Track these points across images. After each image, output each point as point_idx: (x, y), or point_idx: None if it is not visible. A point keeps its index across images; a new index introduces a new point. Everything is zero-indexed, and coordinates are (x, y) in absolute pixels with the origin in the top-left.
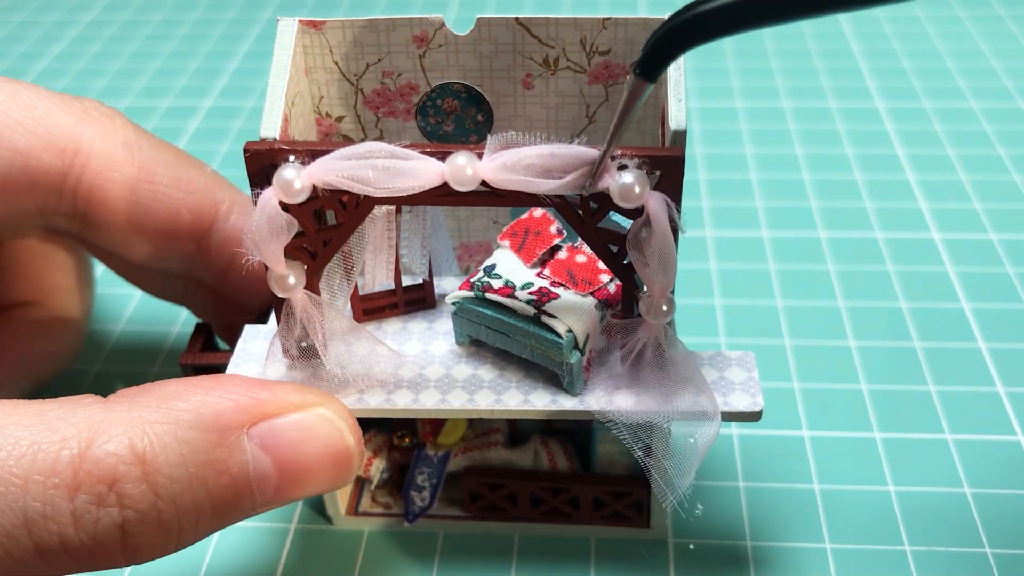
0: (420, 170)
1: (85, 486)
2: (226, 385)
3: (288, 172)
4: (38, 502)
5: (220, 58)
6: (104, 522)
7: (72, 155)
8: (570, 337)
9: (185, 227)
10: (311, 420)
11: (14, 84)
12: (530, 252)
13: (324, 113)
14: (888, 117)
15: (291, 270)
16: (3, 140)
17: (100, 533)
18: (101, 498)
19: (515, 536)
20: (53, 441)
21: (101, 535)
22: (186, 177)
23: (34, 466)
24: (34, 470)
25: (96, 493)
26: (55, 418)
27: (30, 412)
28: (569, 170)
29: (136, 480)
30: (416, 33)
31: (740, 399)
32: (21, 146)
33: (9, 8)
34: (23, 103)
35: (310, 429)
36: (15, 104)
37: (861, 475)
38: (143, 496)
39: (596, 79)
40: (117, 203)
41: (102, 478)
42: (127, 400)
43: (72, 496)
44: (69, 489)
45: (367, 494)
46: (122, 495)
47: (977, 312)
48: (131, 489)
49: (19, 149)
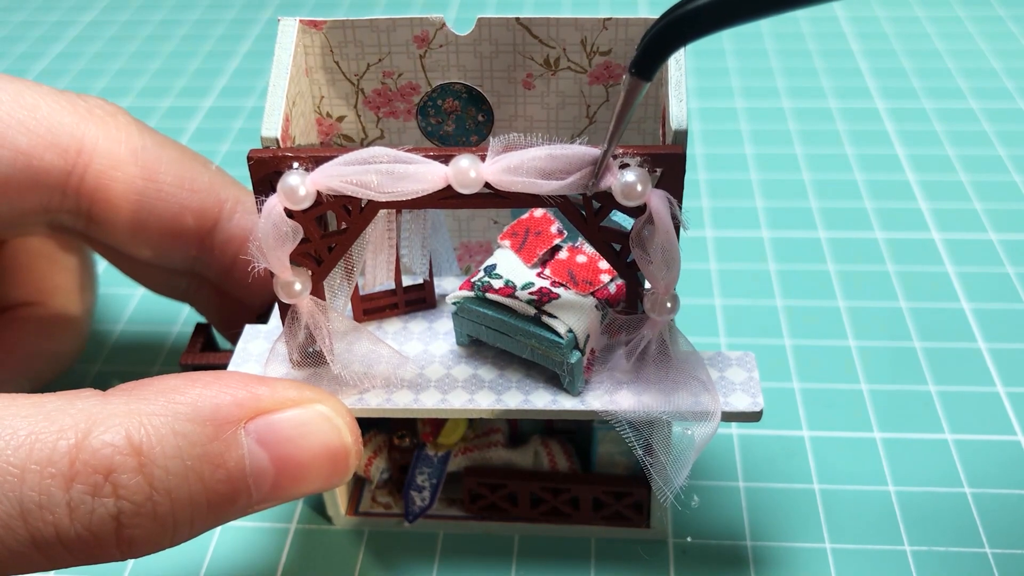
0: (424, 174)
1: (81, 476)
2: (225, 380)
3: (292, 179)
4: (34, 492)
5: (220, 58)
6: (99, 513)
7: (75, 154)
8: (570, 337)
9: (189, 226)
10: (309, 416)
11: (17, 83)
12: (530, 252)
13: (325, 113)
14: (888, 117)
15: (297, 276)
16: (5, 140)
17: (95, 524)
18: (96, 488)
19: (515, 536)
20: (51, 431)
21: (96, 526)
22: (190, 176)
23: (31, 455)
24: (31, 459)
25: (92, 483)
26: (53, 409)
27: (28, 404)
28: (571, 171)
29: (132, 471)
30: (417, 33)
31: (740, 399)
32: (24, 146)
33: (9, 8)
34: (26, 103)
35: (307, 425)
36: (18, 104)
37: (861, 475)
38: (138, 487)
39: (597, 79)
40: (121, 202)
41: (98, 468)
42: (125, 393)
43: (68, 486)
44: (65, 479)
45: (367, 494)
46: (117, 485)
47: (977, 312)
48: (126, 480)
49: (21, 149)
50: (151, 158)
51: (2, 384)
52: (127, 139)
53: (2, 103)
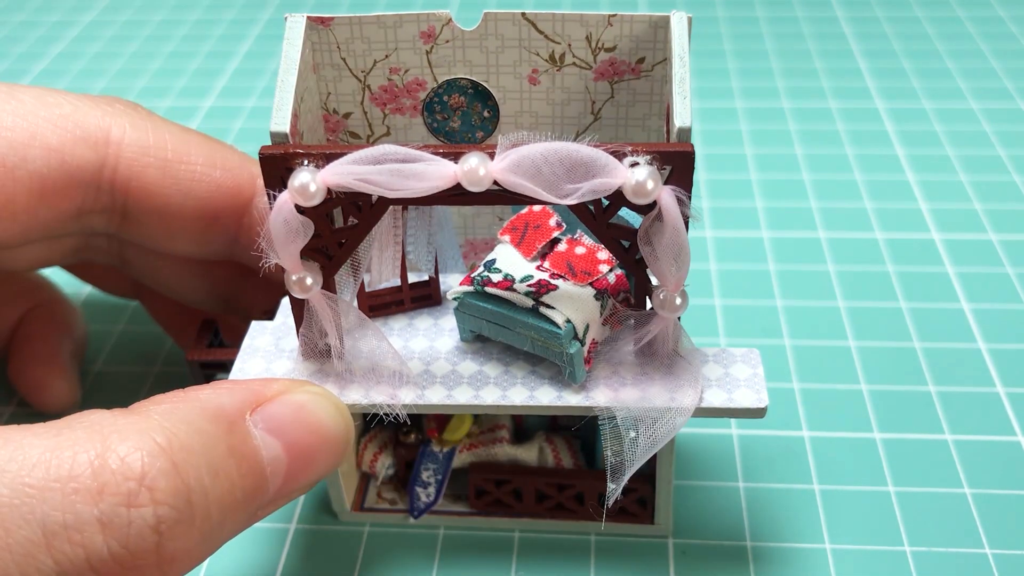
0: (433, 172)
1: (111, 487)
2: (215, 384)
3: (303, 176)
4: (58, 511)
5: (220, 58)
6: (137, 524)
7: (104, 146)
8: (569, 327)
9: (225, 205)
10: (303, 398)
11: (38, 88)
12: (530, 246)
13: (331, 110)
14: (888, 117)
15: (308, 271)
16: (36, 139)
17: (133, 538)
18: (131, 496)
19: (515, 535)
20: (66, 446)
21: (134, 541)
22: (220, 156)
23: (49, 473)
24: (50, 478)
25: (124, 492)
26: (64, 427)
27: (40, 427)
28: (580, 176)
29: (166, 472)
30: (423, 29)
31: (745, 395)
32: (54, 143)
33: (9, 8)
34: (49, 102)
35: (305, 406)
36: (41, 103)
37: (861, 475)
38: (176, 489)
39: (602, 75)
40: (156, 187)
41: (129, 475)
42: (128, 411)
43: (96, 500)
44: (92, 493)
45: (372, 490)
46: (154, 489)
47: (977, 312)
48: (163, 483)
49: (52, 146)
50: (179, 142)
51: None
52: (153, 127)
53: (26, 103)
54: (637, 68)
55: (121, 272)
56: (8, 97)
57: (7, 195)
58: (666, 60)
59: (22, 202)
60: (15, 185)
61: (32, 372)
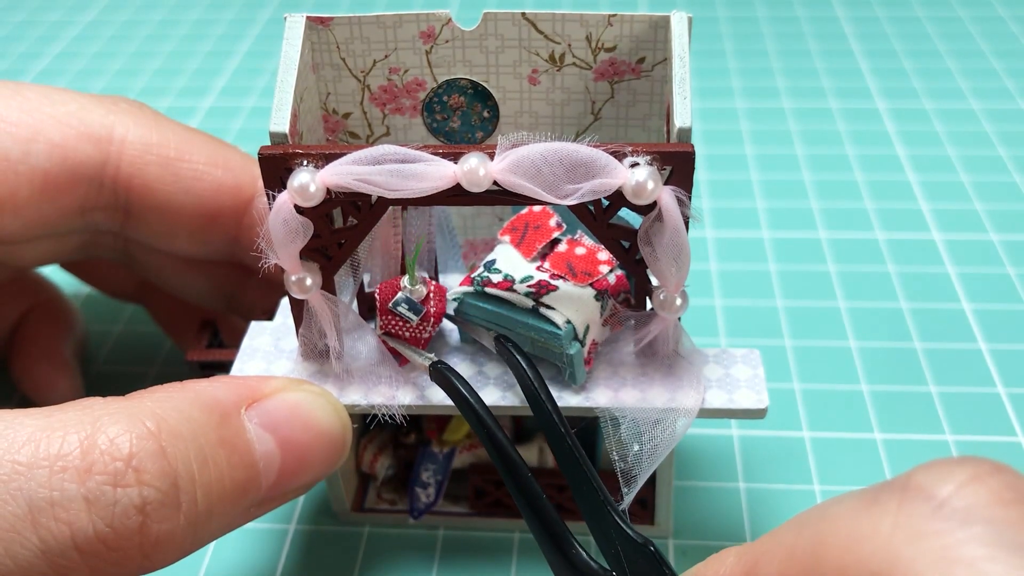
0: (433, 172)
1: (98, 466)
2: (214, 378)
3: (303, 176)
4: (44, 488)
5: (220, 58)
6: (123, 504)
7: (107, 143)
8: (569, 328)
9: (226, 203)
10: (302, 397)
11: (44, 86)
12: (530, 246)
13: (331, 110)
14: (889, 117)
15: (308, 271)
16: (40, 135)
17: (118, 518)
18: (118, 476)
19: (515, 536)
20: (57, 428)
21: (119, 521)
22: (222, 155)
23: (38, 451)
24: (39, 456)
25: (112, 471)
26: (56, 410)
27: (33, 411)
28: (580, 177)
29: (154, 455)
30: (423, 29)
31: (746, 396)
32: (58, 139)
33: (9, 8)
34: (55, 99)
35: (302, 405)
36: (46, 100)
37: (861, 476)
38: (163, 472)
39: (602, 76)
40: (158, 185)
41: (117, 456)
42: (123, 398)
43: (84, 478)
44: (79, 472)
45: (372, 491)
46: (140, 470)
47: (977, 312)
48: (150, 464)
49: (56, 142)
50: (181, 140)
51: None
52: (157, 125)
53: (30, 100)
54: (637, 68)
55: (126, 272)
56: (14, 94)
57: (10, 189)
58: (666, 60)
59: (24, 196)
60: (18, 179)
61: (37, 370)
